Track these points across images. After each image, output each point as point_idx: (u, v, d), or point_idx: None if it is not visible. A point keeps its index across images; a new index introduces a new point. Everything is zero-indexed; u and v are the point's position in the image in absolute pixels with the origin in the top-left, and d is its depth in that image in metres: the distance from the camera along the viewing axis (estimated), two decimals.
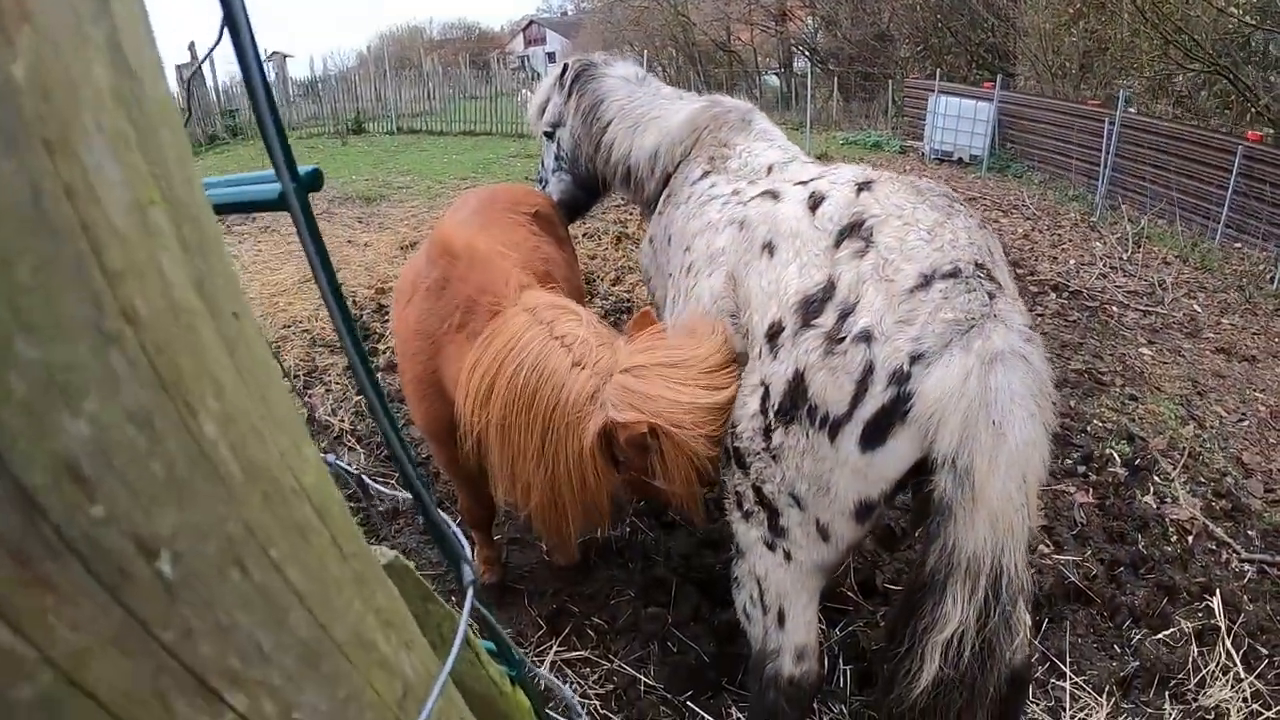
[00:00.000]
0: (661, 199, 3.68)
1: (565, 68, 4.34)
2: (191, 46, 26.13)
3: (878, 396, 2.03)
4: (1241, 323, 8.57)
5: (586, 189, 4.54)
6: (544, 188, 4.64)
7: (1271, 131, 14.52)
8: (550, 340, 2.58)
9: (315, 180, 0.71)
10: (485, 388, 2.64)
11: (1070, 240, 11.32)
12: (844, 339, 2.06)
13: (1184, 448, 5.39)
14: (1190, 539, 4.43)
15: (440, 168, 15.77)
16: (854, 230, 2.21)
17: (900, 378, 1.99)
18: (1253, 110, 16.37)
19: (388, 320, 6.67)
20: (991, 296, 2.03)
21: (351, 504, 4.50)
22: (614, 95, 4.08)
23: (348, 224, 10.86)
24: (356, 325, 6.54)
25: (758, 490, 2.39)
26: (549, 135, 4.49)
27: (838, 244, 2.21)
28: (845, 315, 2.09)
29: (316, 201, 12.23)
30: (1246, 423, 6.06)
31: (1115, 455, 5.17)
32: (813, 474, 2.20)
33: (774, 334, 2.26)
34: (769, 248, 2.42)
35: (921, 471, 2.07)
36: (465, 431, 2.77)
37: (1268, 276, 10.11)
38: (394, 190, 13.23)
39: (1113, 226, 11.95)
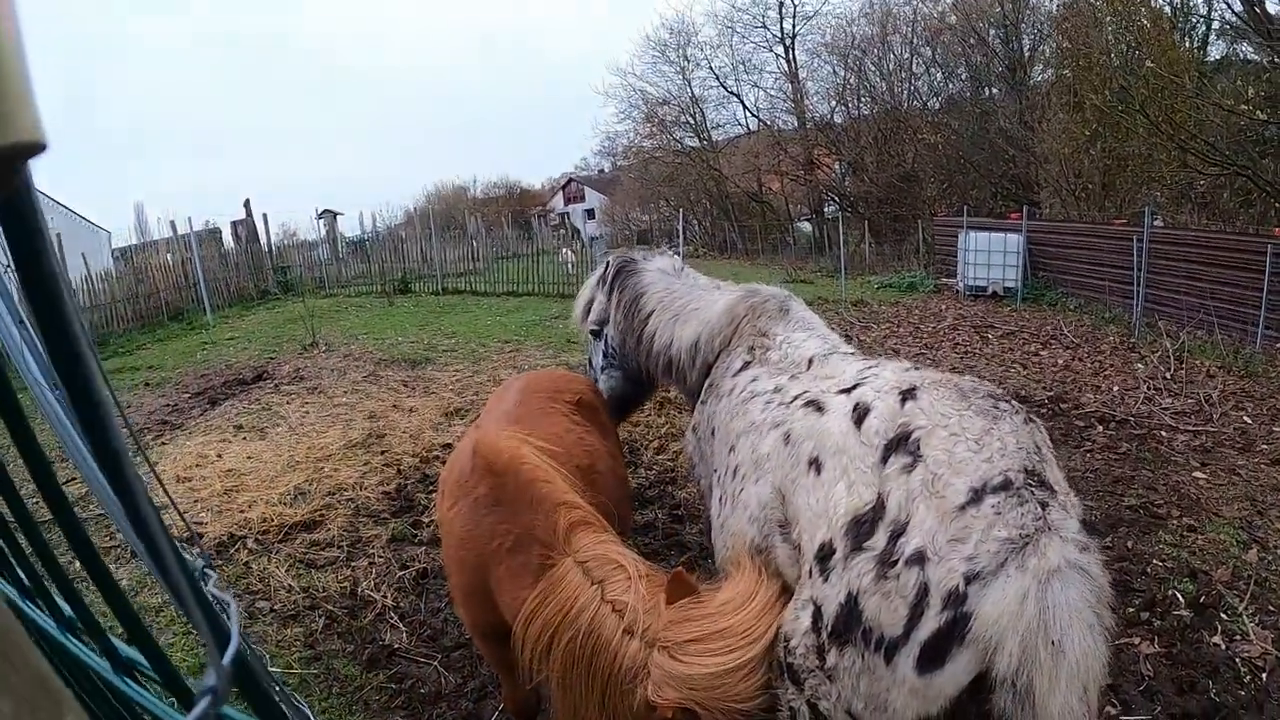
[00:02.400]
0: (704, 388, 3.74)
1: (606, 265, 4.50)
2: (247, 204, 27.87)
3: (934, 619, 2.00)
4: None
5: (637, 383, 4.61)
6: None
7: None
8: (602, 604, 2.68)
9: None
10: (544, 645, 2.75)
11: (1111, 365, 11.35)
12: (896, 561, 2.06)
13: (1249, 575, 5.31)
14: (1264, 676, 4.33)
15: (484, 329, 15.93)
16: (901, 444, 2.23)
17: (957, 600, 1.97)
18: (1276, 205, 16.49)
19: (433, 490, 6.59)
20: (1044, 506, 2.02)
21: (392, 684, 4.55)
22: (653, 288, 4.20)
23: (393, 387, 10.98)
24: (400, 495, 6.78)
25: (813, 707, 2.35)
26: (596, 334, 4.61)
27: (885, 459, 2.23)
28: (897, 536, 2.09)
29: (363, 363, 12.55)
30: None
31: (1179, 596, 5.11)
32: (869, 693, 2.17)
33: (825, 555, 2.26)
34: (816, 464, 2.45)
35: (980, 686, 2.04)
36: (526, 675, 2.89)
37: None
38: (439, 353, 13.37)
39: (1152, 345, 12.03)
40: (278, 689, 2.92)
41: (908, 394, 2.37)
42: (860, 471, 2.27)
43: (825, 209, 37.03)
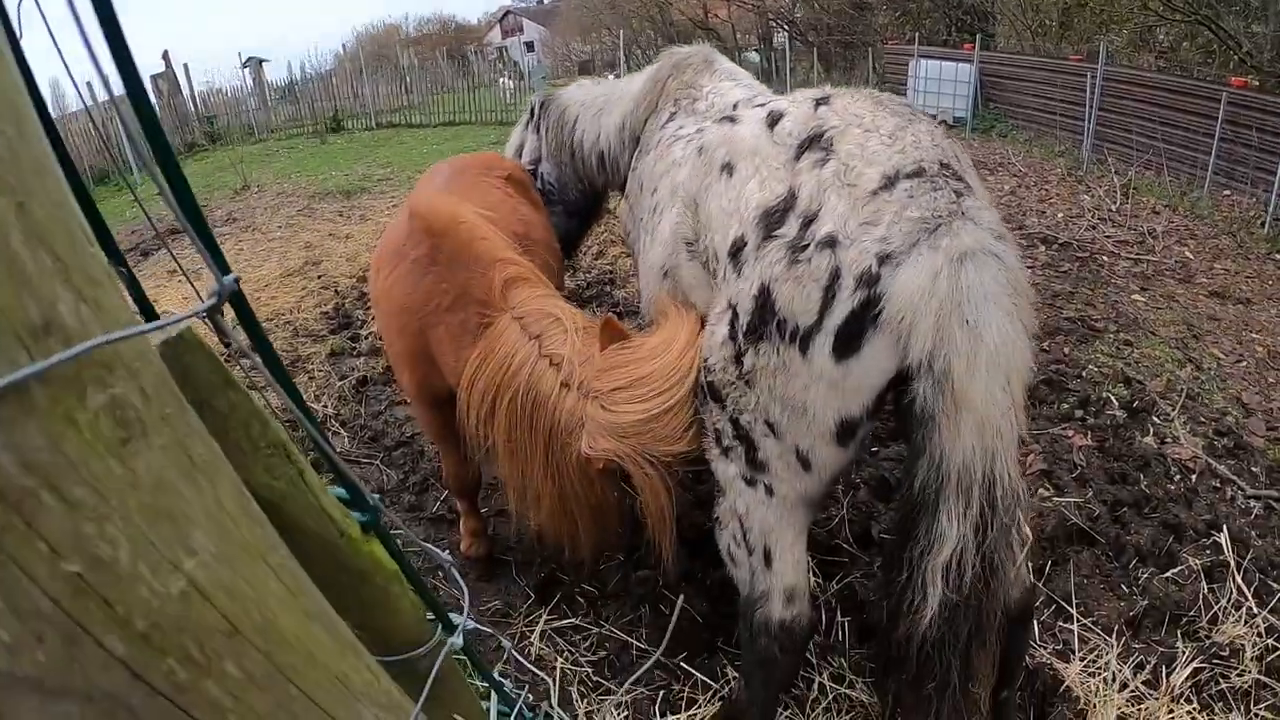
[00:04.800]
0: (635, 156, 3.65)
1: (530, 107, 4.51)
2: (165, 56, 26.12)
3: (846, 302, 1.94)
4: (1234, 267, 8.42)
5: (579, 216, 4.59)
6: None
7: (1256, 80, 14.38)
8: (540, 360, 2.66)
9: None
10: (488, 408, 2.77)
11: (1058, 194, 11.17)
12: (808, 246, 2.00)
13: (1182, 389, 5.28)
14: (1194, 477, 4.33)
15: (420, 158, 15.84)
16: (814, 142, 2.15)
17: (869, 280, 1.91)
18: (1235, 58, 16.22)
19: (370, 305, 6.69)
20: (959, 195, 1.97)
21: (337, 485, 4.45)
22: (574, 98, 4.22)
23: (329, 218, 10.95)
24: (339, 313, 6.52)
25: (734, 423, 2.31)
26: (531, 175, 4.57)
27: (798, 156, 2.14)
28: (808, 223, 2.02)
29: (296, 199, 12.38)
30: (1244, 364, 5.95)
31: (1113, 399, 5.07)
32: (786, 395, 2.12)
33: (736, 250, 2.20)
34: (728, 168, 2.36)
35: (901, 382, 2.00)
36: (474, 443, 2.92)
37: (1258, 221, 9.96)
38: (374, 183, 13.35)
39: (1100, 180, 11.83)
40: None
41: (821, 100, 2.30)
42: (772, 169, 2.18)
43: (774, 38, 36.01)
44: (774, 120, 2.31)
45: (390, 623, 1.28)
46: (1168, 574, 3.59)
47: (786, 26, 33.78)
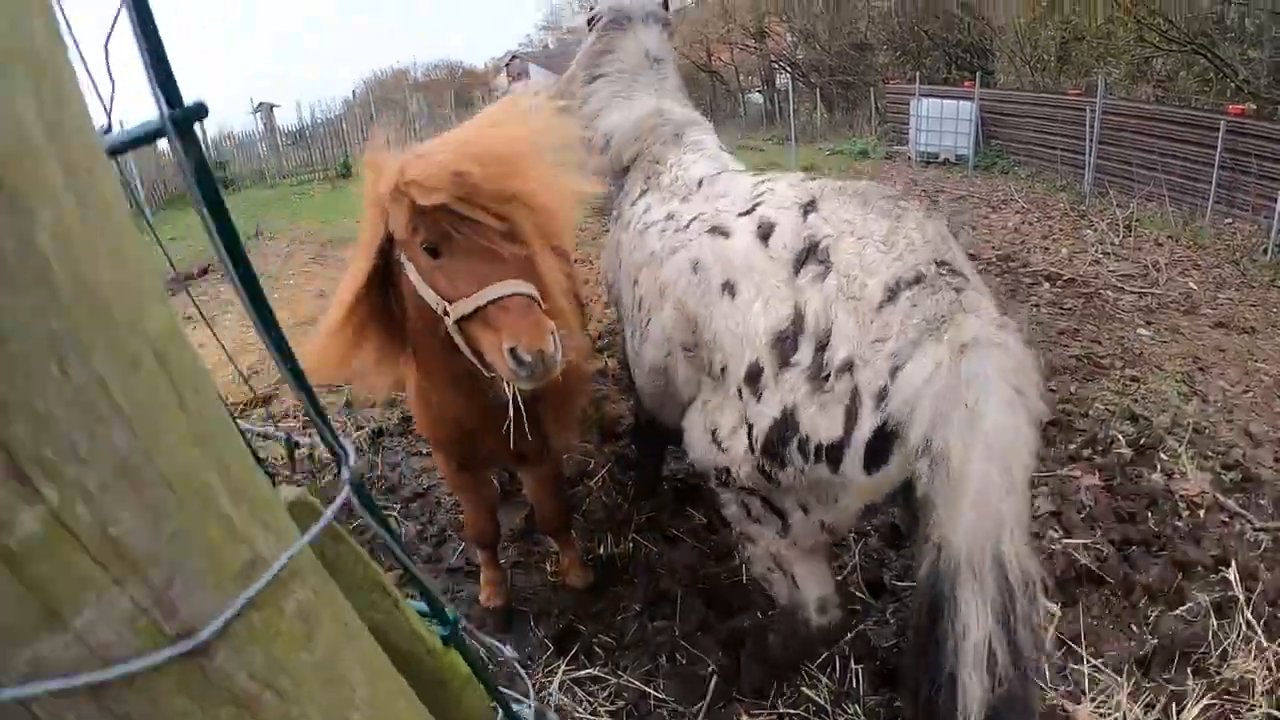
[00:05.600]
0: (615, 207, 3.74)
1: (598, 16, 4.03)
2: None
3: (870, 418, 2.01)
4: (1238, 296, 8.49)
5: None
6: None
7: (1253, 106, 14.48)
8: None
9: (198, 111, 0.78)
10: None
11: (1061, 230, 11.28)
12: (828, 376, 2.06)
13: (1189, 423, 5.32)
14: (1202, 513, 4.35)
15: None
16: (810, 254, 2.22)
17: (886, 397, 1.98)
18: (1232, 85, 16.35)
19: None
20: (959, 290, 2.02)
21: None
22: (625, 56, 3.90)
23: (341, 266, 10.65)
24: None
25: (766, 501, 2.55)
26: None
27: (797, 271, 2.22)
28: (821, 347, 2.09)
29: (310, 246, 12.45)
30: (1251, 394, 5.99)
31: (1119, 436, 5.10)
32: (818, 494, 2.34)
33: (753, 376, 2.26)
34: (729, 288, 2.41)
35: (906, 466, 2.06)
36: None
37: (1261, 249, 10.04)
38: None
39: (1102, 213, 11.93)
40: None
41: (808, 207, 2.36)
42: (774, 287, 2.24)
43: (776, 80, 36.30)
44: (765, 233, 2.38)
45: (459, 717, 1.39)
46: (1177, 611, 3.61)
47: (788, 68, 34.07)
